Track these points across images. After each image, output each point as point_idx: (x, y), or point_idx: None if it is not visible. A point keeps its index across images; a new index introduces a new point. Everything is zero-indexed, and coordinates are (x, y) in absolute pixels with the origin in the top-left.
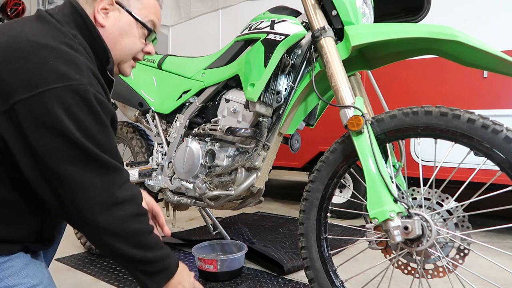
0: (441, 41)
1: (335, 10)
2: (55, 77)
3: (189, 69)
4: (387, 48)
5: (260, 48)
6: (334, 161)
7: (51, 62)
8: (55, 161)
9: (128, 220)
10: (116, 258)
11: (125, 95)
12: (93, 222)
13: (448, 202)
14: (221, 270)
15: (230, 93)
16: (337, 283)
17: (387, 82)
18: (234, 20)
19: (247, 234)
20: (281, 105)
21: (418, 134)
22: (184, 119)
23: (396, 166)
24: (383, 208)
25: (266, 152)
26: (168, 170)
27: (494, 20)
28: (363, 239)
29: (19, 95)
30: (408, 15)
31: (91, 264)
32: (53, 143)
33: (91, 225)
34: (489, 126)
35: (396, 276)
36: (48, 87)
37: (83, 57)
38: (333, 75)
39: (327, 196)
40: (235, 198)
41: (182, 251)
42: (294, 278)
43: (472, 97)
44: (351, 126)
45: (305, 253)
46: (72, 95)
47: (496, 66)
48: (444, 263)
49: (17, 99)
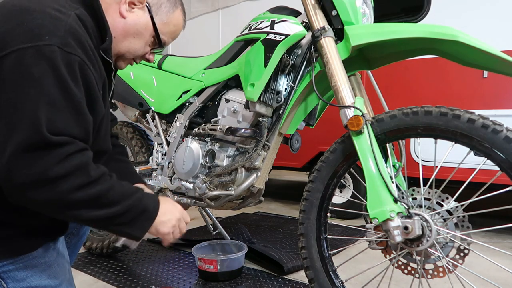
0: (441, 41)
1: (335, 10)
2: (24, 37)
3: (189, 69)
4: (387, 48)
5: (260, 48)
6: (334, 161)
7: (25, 23)
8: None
9: (74, 192)
10: (85, 224)
11: (125, 95)
12: (33, 199)
13: (448, 202)
14: (221, 270)
15: (230, 93)
16: (337, 283)
17: (387, 82)
18: (234, 20)
19: (247, 234)
20: (281, 105)
21: (418, 134)
22: (184, 119)
23: (396, 166)
24: (383, 208)
25: (266, 152)
26: (168, 170)
27: (494, 20)
28: (363, 239)
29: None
30: (408, 15)
31: (91, 264)
32: (4, 103)
33: (32, 204)
34: (489, 126)
35: (396, 276)
36: (12, 48)
37: (71, 20)
38: (333, 75)
39: (327, 196)
40: (235, 198)
41: (182, 251)
42: (294, 278)
43: (472, 97)
44: (351, 126)
45: (305, 253)
46: (35, 56)
47: (496, 66)
48: (444, 263)
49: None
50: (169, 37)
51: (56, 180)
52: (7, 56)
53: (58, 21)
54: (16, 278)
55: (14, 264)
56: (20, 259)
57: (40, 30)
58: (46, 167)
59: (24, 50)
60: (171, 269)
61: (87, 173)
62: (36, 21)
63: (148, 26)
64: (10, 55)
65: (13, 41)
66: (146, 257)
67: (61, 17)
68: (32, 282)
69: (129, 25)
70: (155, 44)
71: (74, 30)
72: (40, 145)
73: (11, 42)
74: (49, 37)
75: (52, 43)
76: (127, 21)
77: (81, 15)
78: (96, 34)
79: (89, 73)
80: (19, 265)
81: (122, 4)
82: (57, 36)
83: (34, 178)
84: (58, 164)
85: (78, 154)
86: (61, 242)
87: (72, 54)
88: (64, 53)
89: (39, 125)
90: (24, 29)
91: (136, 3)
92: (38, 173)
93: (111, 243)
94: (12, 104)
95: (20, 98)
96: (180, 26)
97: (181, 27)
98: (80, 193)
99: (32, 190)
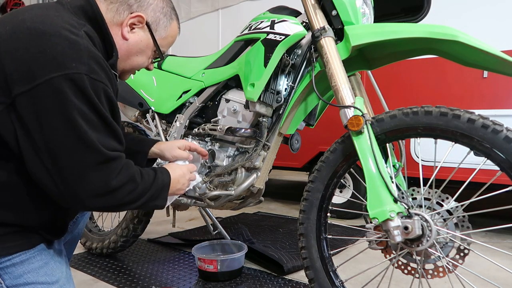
0: (441, 41)
1: (335, 10)
2: (52, 66)
3: (189, 69)
4: (387, 48)
5: (260, 48)
6: (334, 161)
7: (48, 50)
8: (55, 153)
9: (126, 196)
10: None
11: (125, 95)
12: (92, 207)
13: (448, 202)
14: (221, 270)
15: (230, 93)
16: (337, 283)
17: (387, 82)
18: (234, 20)
19: (247, 234)
20: (281, 105)
21: (418, 134)
22: (184, 119)
23: (396, 166)
24: (383, 208)
25: (266, 152)
26: None
27: (494, 20)
28: (363, 239)
29: (19, 88)
30: (408, 15)
31: (91, 264)
32: (52, 135)
33: (88, 209)
34: (489, 126)
35: (396, 276)
36: (44, 78)
37: (85, 41)
38: (333, 75)
39: (327, 196)
40: (235, 198)
41: (182, 251)
42: (294, 278)
43: (472, 97)
44: (351, 126)
45: (305, 253)
46: (69, 85)
47: (496, 66)
48: (444, 263)
49: (17, 92)
50: (168, 47)
51: (116, 190)
52: (40, 87)
53: (76, 46)
54: (13, 274)
55: (11, 260)
56: (17, 256)
57: (64, 58)
58: (107, 180)
59: (57, 79)
60: (171, 269)
61: (135, 180)
62: (57, 47)
63: (149, 43)
64: (43, 85)
65: (41, 70)
66: (146, 257)
67: (77, 41)
68: (29, 279)
69: (132, 46)
70: (156, 57)
71: (93, 54)
72: (102, 161)
73: (39, 72)
74: (76, 65)
75: (80, 71)
76: (130, 42)
77: (89, 32)
78: (102, 49)
79: (111, 96)
80: (16, 261)
81: (124, 27)
82: (82, 64)
83: (98, 192)
84: (116, 177)
85: (126, 165)
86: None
87: (98, 81)
88: (91, 80)
89: (96, 145)
90: (48, 57)
91: (136, 23)
92: (101, 187)
93: (111, 243)
94: (63, 131)
95: (66, 125)
96: (176, 34)
97: (177, 35)
98: (131, 195)
99: (95, 200)
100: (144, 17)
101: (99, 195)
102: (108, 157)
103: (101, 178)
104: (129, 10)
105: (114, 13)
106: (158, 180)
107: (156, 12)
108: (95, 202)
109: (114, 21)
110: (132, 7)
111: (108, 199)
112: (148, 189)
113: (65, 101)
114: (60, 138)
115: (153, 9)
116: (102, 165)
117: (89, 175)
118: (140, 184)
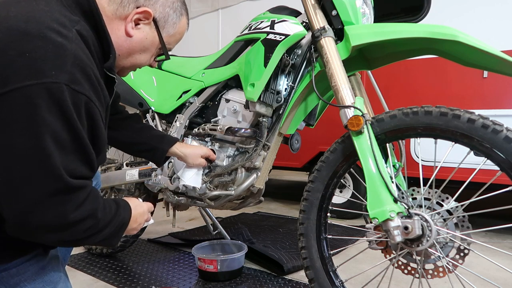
0: (441, 41)
1: (335, 10)
2: (29, 72)
3: (189, 69)
4: (387, 48)
5: (260, 48)
6: (334, 161)
7: (27, 54)
8: (11, 170)
9: (82, 233)
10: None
11: (125, 95)
12: (39, 240)
13: (448, 202)
14: (221, 270)
15: (230, 93)
16: (337, 283)
17: (387, 82)
18: (234, 20)
19: (247, 234)
20: (281, 105)
21: (418, 134)
22: (184, 119)
23: (396, 166)
24: (383, 208)
25: (266, 152)
26: (168, 170)
27: (494, 20)
28: (363, 239)
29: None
30: (408, 15)
31: (91, 264)
32: (12, 149)
33: (40, 240)
34: (489, 126)
35: (396, 276)
36: (17, 85)
37: (73, 45)
38: (333, 75)
39: (327, 196)
40: (235, 198)
41: (182, 251)
42: (294, 278)
43: (472, 97)
44: (351, 126)
45: (305, 253)
46: (43, 96)
47: (496, 66)
48: (444, 263)
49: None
50: (175, 44)
51: (72, 225)
52: (11, 94)
53: (62, 51)
54: (9, 283)
55: (8, 271)
56: (13, 264)
57: (44, 64)
58: (65, 212)
59: (30, 88)
60: (171, 269)
61: (96, 216)
62: (38, 51)
63: (155, 41)
64: (14, 93)
65: (16, 76)
66: (146, 257)
67: (64, 45)
68: (25, 287)
69: (135, 44)
70: (160, 55)
71: (79, 61)
72: (62, 190)
73: (13, 77)
74: (55, 73)
75: (59, 80)
76: (133, 39)
77: (82, 30)
78: (98, 50)
79: (95, 111)
80: (12, 270)
81: (128, 23)
82: (63, 72)
83: (52, 224)
84: (76, 210)
85: (91, 196)
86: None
87: (79, 93)
88: (72, 92)
89: (59, 171)
90: (26, 61)
91: (142, 18)
92: (56, 219)
93: None
94: (24, 150)
95: (33, 143)
96: (185, 31)
97: (185, 31)
98: (87, 232)
99: (49, 232)
100: (152, 13)
101: (52, 229)
102: (70, 186)
103: (58, 209)
104: (135, 4)
105: (118, 5)
106: (120, 217)
107: (166, 8)
108: (50, 235)
109: (117, 14)
110: (139, 0)
111: (61, 234)
112: (107, 226)
113: (35, 115)
114: (19, 157)
115: (162, 3)
116: (61, 195)
117: (44, 204)
118: (101, 220)
